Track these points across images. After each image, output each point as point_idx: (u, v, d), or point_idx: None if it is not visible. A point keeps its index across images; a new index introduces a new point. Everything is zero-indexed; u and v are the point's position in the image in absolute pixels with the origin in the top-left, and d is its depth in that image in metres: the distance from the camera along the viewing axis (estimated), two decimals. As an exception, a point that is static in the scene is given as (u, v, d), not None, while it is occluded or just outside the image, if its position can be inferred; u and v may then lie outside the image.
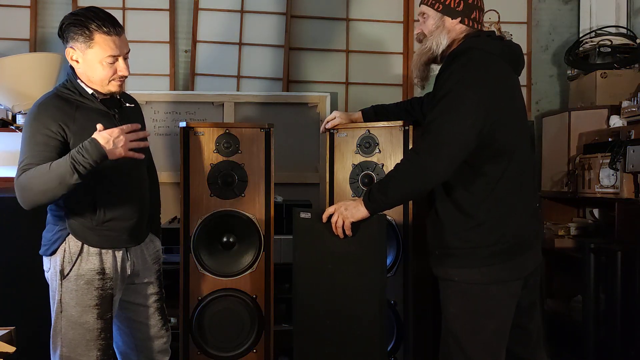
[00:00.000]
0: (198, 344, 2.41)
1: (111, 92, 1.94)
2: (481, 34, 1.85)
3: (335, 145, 2.47)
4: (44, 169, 1.75)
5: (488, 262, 1.77)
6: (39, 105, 1.87)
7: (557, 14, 3.83)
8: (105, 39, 1.85)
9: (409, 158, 1.77)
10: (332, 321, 2.02)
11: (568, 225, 3.25)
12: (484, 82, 1.72)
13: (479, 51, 1.78)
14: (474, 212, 1.78)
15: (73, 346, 1.91)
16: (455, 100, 1.71)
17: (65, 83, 1.94)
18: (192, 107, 3.53)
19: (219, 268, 2.40)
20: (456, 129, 1.69)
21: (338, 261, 1.98)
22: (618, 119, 2.96)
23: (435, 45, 1.87)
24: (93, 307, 1.92)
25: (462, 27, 1.86)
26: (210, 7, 3.63)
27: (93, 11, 1.87)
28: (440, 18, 1.86)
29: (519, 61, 1.89)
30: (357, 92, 3.72)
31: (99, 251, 1.93)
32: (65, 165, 1.73)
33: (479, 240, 1.77)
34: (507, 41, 1.90)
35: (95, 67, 1.88)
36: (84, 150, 1.73)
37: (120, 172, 1.95)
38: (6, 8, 3.51)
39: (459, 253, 1.81)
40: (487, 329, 1.79)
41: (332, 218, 1.91)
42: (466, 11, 1.85)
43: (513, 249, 1.78)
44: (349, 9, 3.71)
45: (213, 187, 2.39)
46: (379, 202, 1.80)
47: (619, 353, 2.55)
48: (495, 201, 1.77)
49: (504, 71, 1.80)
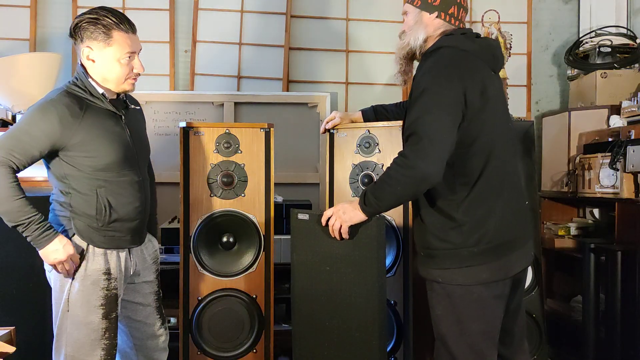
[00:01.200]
0: (198, 344, 2.41)
1: (126, 90, 1.97)
2: (455, 32, 1.84)
3: (335, 145, 2.47)
4: (10, 192, 1.80)
5: (469, 262, 1.76)
6: (50, 101, 1.86)
7: (557, 14, 3.83)
8: (123, 37, 1.88)
9: (398, 163, 1.73)
10: (332, 323, 2.01)
11: (568, 225, 3.25)
12: (456, 80, 1.71)
13: (450, 49, 1.78)
14: (454, 213, 1.77)
15: (78, 346, 1.92)
16: (432, 99, 1.70)
17: (75, 81, 1.93)
18: (192, 107, 3.53)
19: (219, 268, 2.40)
20: (439, 128, 1.68)
21: (337, 263, 1.98)
22: (618, 119, 2.96)
23: (413, 40, 1.87)
24: (98, 307, 1.92)
25: (439, 22, 1.86)
26: (210, 7, 3.63)
27: (109, 10, 1.89)
28: (418, 13, 1.87)
29: (496, 58, 1.87)
30: (357, 92, 3.72)
31: (104, 252, 1.94)
32: (16, 217, 1.82)
33: (460, 241, 1.76)
34: (484, 38, 1.88)
35: (112, 66, 1.90)
36: (37, 231, 1.83)
37: (126, 174, 1.96)
38: (6, 8, 3.52)
39: (441, 254, 1.80)
40: (473, 330, 1.78)
41: (329, 221, 1.91)
42: (443, 6, 1.85)
43: (495, 250, 1.76)
44: (349, 9, 3.71)
45: (213, 187, 2.39)
46: (374, 206, 1.79)
47: (619, 353, 2.55)
48: (474, 201, 1.76)
49: (476, 68, 1.77)
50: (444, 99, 1.69)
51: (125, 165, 1.95)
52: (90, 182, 1.90)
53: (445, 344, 1.81)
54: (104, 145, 1.90)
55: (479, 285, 1.76)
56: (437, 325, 1.84)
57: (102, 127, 1.90)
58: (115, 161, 1.92)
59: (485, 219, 1.76)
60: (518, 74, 3.71)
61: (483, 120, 1.75)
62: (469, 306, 1.77)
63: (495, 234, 1.76)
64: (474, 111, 1.72)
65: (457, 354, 1.79)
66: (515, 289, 1.86)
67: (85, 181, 1.90)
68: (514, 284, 1.85)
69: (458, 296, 1.78)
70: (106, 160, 1.90)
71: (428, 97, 1.71)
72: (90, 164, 1.89)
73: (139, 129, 2.08)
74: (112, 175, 1.92)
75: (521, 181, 1.94)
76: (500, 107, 1.84)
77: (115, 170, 1.93)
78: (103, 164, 1.90)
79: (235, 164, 2.40)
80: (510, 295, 1.84)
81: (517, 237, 1.82)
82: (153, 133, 3.46)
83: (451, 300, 1.79)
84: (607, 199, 2.79)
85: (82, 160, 1.88)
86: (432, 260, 1.82)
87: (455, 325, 1.79)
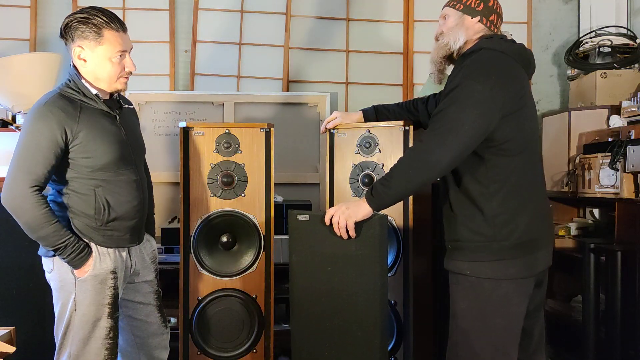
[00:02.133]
0: (198, 344, 2.41)
1: (118, 89, 1.97)
2: (494, 36, 1.89)
3: (335, 145, 2.47)
4: (44, 219, 1.82)
5: (499, 256, 1.77)
6: (45, 105, 1.86)
7: (557, 14, 3.83)
8: (114, 35, 1.88)
9: (414, 147, 1.79)
10: (332, 323, 2.00)
11: (568, 225, 3.25)
12: (493, 78, 1.74)
13: (490, 51, 1.81)
14: (487, 205, 1.78)
15: (83, 345, 1.92)
16: (463, 92, 1.72)
17: (68, 83, 1.93)
18: (192, 107, 3.53)
19: (219, 268, 2.40)
20: (462, 118, 1.70)
21: (338, 262, 1.97)
22: (618, 119, 2.96)
23: (453, 41, 1.90)
24: (106, 305, 1.94)
25: (480, 26, 1.90)
26: (210, 7, 3.63)
27: (99, 10, 1.90)
28: (460, 16, 1.91)
29: (530, 64, 1.92)
30: (357, 92, 3.72)
31: (106, 251, 1.95)
32: (53, 241, 1.84)
33: (491, 233, 1.78)
34: (520, 44, 1.92)
35: (104, 65, 1.90)
36: (71, 257, 1.87)
37: (123, 173, 1.97)
38: (6, 8, 3.52)
39: (470, 246, 1.81)
40: (497, 326, 1.78)
41: (333, 219, 1.90)
42: (485, 12, 1.90)
43: (524, 246, 1.78)
44: (349, 9, 3.71)
45: (213, 187, 2.39)
46: (382, 196, 1.79)
47: (619, 353, 2.55)
48: (508, 195, 1.78)
49: (515, 69, 1.81)
50: (477, 93, 1.71)
51: (122, 165, 1.96)
52: (88, 182, 1.90)
53: (467, 338, 1.81)
54: (102, 145, 1.90)
55: (507, 280, 1.77)
56: (460, 320, 1.83)
57: (98, 127, 1.90)
58: (113, 160, 1.92)
59: (517, 214, 1.78)
60: (518, 74, 3.71)
61: (518, 121, 1.77)
62: (495, 301, 1.78)
63: (526, 230, 1.78)
64: (511, 112, 1.75)
65: (479, 350, 1.79)
66: (537, 289, 1.87)
67: (83, 181, 1.90)
68: (536, 284, 1.86)
69: (485, 290, 1.78)
70: (104, 160, 1.91)
71: (459, 91, 1.73)
72: (88, 164, 1.89)
73: (133, 128, 2.09)
74: (110, 175, 1.93)
75: (545, 185, 1.97)
76: (533, 110, 1.89)
77: (112, 170, 1.93)
78: (101, 164, 1.90)
79: (235, 164, 2.40)
80: (532, 295, 1.85)
81: (542, 236, 1.85)
82: (153, 133, 3.46)
83: (478, 294, 1.79)
84: (607, 199, 2.79)
85: (80, 160, 1.89)
86: (461, 252, 1.83)
87: (480, 321, 1.79)
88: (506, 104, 1.74)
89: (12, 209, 1.84)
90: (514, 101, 1.76)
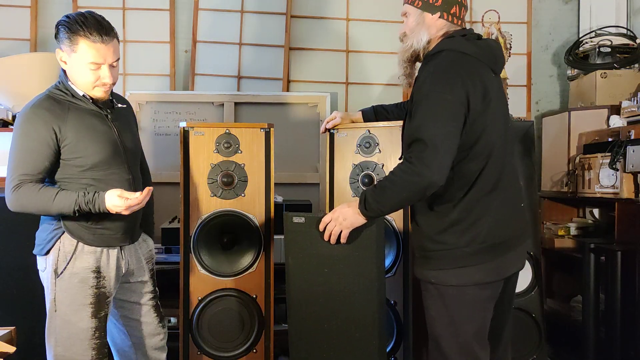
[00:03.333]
0: (198, 344, 2.41)
1: (97, 97, 1.94)
2: (456, 34, 1.83)
3: (335, 145, 2.47)
4: (46, 198, 1.83)
5: (462, 263, 1.75)
6: (31, 108, 1.87)
7: (557, 14, 3.83)
8: (88, 45, 1.84)
9: (404, 169, 1.72)
10: (330, 324, 2.00)
11: (568, 225, 3.25)
12: (458, 83, 1.71)
13: (451, 52, 1.77)
14: (449, 214, 1.77)
15: (68, 345, 1.91)
16: (436, 105, 1.69)
17: (57, 84, 1.95)
18: (192, 107, 3.53)
19: (219, 268, 2.40)
20: (444, 136, 1.67)
21: (335, 264, 1.97)
22: (618, 119, 2.96)
23: (416, 42, 1.86)
24: (87, 305, 1.92)
25: (441, 22, 1.85)
26: (210, 7, 3.63)
27: (84, 16, 1.86)
28: (420, 14, 1.86)
29: (496, 60, 1.86)
30: (357, 92, 3.72)
31: (94, 249, 1.94)
32: (69, 207, 1.83)
33: (453, 241, 1.76)
34: (484, 40, 1.87)
35: (79, 71, 1.89)
36: (91, 205, 1.84)
37: (115, 172, 1.96)
38: (6, 8, 3.52)
39: (434, 255, 1.80)
40: (466, 331, 1.77)
41: (328, 226, 1.89)
42: (445, 6, 1.84)
43: (489, 250, 1.76)
44: (349, 9, 3.72)
45: (213, 187, 2.39)
46: (375, 210, 1.79)
47: (619, 353, 2.55)
48: (469, 202, 1.76)
49: (478, 71, 1.77)
50: (447, 104, 1.69)
51: (114, 163, 1.95)
52: (79, 181, 1.90)
53: (438, 345, 1.81)
54: (91, 145, 1.90)
55: (472, 286, 1.76)
56: (432, 326, 1.83)
57: (87, 127, 1.90)
58: (103, 160, 1.92)
59: (479, 219, 1.76)
60: (518, 74, 3.71)
61: (484, 122, 1.74)
62: (463, 307, 1.77)
63: (489, 234, 1.76)
64: (476, 114, 1.72)
65: (450, 355, 1.79)
66: (503, 291, 1.85)
67: (74, 180, 1.90)
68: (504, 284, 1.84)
69: (451, 297, 1.77)
70: (94, 159, 1.91)
71: (431, 102, 1.70)
72: (78, 163, 1.89)
73: (127, 127, 2.07)
74: (101, 174, 1.93)
75: (519, 181, 1.93)
76: (500, 108, 1.84)
77: (103, 169, 1.93)
78: (91, 163, 1.90)
79: (235, 164, 2.40)
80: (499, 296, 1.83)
81: (512, 237, 1.82)
82: (153, 133, 3.46)
83: (445, 302, 1.78)
84: (607, 199, 2.80)
85: (71, 160, 1.89)
86: (427, 261, 1.82)
87: (449, 327, 1.79)
88: (472, 108, 1.71)
89: (19, 210, 1.86)
90: (478, 103, 1.73)
